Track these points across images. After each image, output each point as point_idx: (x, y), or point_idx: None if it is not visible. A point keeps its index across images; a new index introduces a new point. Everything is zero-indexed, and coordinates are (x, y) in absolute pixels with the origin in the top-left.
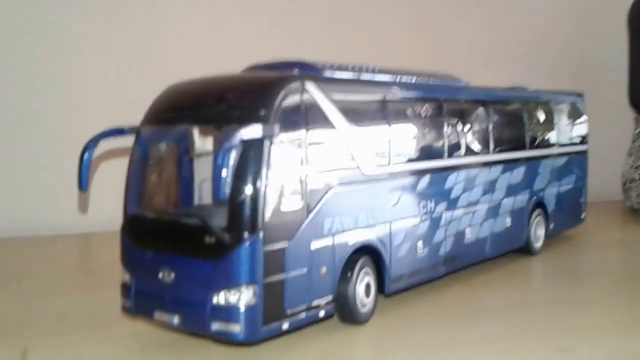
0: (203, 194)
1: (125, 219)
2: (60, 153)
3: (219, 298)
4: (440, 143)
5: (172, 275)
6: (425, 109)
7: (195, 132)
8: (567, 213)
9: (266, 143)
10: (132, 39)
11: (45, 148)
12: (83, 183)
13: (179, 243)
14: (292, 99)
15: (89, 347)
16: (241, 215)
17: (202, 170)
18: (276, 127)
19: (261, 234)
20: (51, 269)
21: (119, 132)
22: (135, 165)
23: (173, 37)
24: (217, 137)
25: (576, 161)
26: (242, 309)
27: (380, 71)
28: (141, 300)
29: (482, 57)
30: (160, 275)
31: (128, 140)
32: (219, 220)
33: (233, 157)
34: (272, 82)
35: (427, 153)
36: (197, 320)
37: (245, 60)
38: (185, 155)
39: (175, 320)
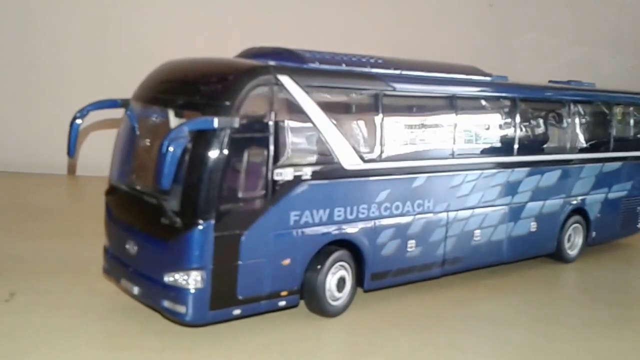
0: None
1: (108, 187)
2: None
3: (170, 277)
4: (443, 142)
5: (136, 249)
6: (426, 105)
7: (171, 113)
8: (617, 222)
9: (223, 133)
10: None
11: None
12: (71, 149)
13: (142, 219)
14: (261, 92)
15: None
16: (192, 201)
17: None
18: (235, 120)
19: (212, 221)
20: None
21: (113, 104)
22: (121, 136)
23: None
24: (177, 122)
25: (633, 167)
26: (189, 291)
27: (384, 64)
28: (113, 265)
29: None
30: (127, 246)
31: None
32: (176, 202)
33: (181, 145)
34: (240, 71)
35: (424, 152)
36: (152, 294)
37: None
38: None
39: (136, 290)
